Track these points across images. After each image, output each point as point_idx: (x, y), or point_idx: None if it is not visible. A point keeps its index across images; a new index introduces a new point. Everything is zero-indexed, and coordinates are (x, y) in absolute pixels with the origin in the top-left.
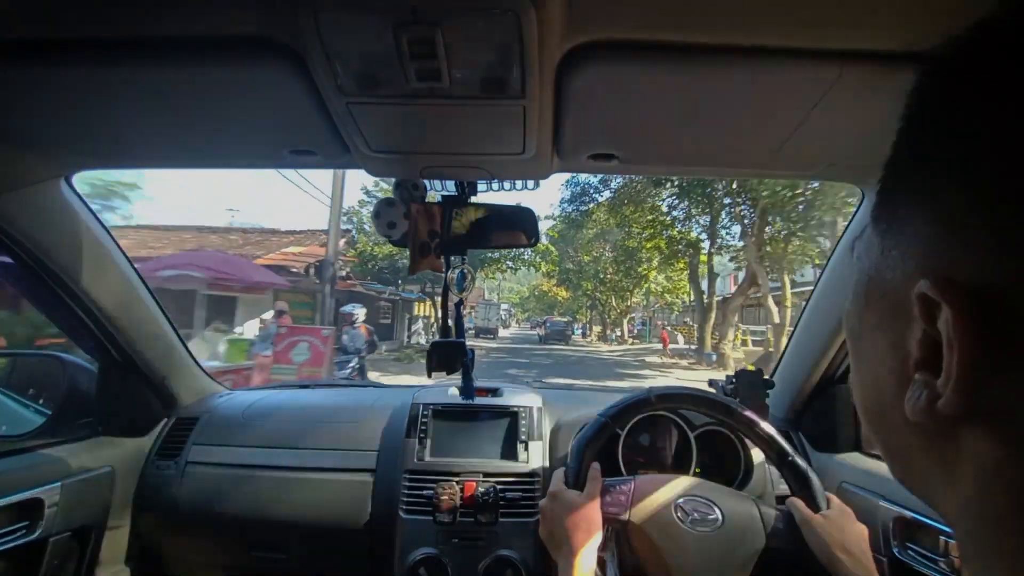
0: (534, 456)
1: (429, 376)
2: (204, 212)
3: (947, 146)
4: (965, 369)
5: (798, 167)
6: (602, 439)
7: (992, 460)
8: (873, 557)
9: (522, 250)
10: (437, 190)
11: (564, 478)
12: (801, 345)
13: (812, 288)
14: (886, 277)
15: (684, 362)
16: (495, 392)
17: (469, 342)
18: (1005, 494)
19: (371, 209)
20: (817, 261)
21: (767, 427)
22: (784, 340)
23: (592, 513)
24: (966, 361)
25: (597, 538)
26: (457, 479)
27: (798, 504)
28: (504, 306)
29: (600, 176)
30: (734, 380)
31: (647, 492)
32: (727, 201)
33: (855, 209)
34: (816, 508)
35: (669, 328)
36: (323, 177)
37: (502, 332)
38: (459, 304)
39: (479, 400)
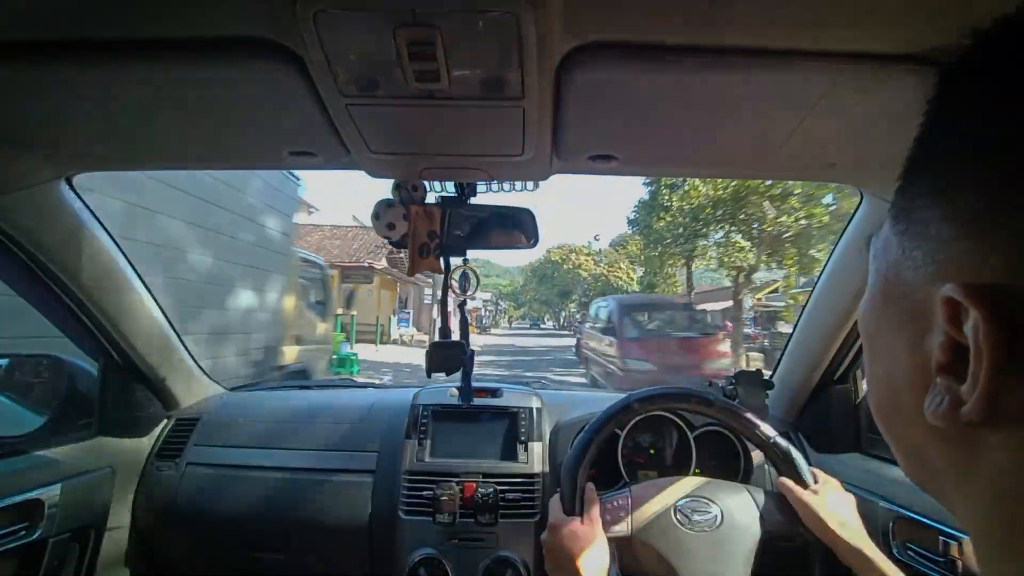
0: (534, 457)
1: (429, 376)
2: None
3: (969, 145)
4: (993, 376)
5: (797, 168)
6: (591, 457)
7: (1012, 464)
8: None
9: None
10: (436, 191)
11: (561, 505)
12: (801, 346)
13: (811, 288)
14: (905, 278)
15: None
16: (495, 393)
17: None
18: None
19: None
20: None
21: (746, 413)
22: None
23: (596, 537)
24: (995, 368)
25: (606, 563)
26: (457, 480)
27: (788, 483)
28: (483, 296)
29: None
30: (734, 381)
31: (645, 501)
32: None
33: (854, 210)
34: (804, 484)
35: None
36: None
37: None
38: (463, 305)
39: (479, 401)
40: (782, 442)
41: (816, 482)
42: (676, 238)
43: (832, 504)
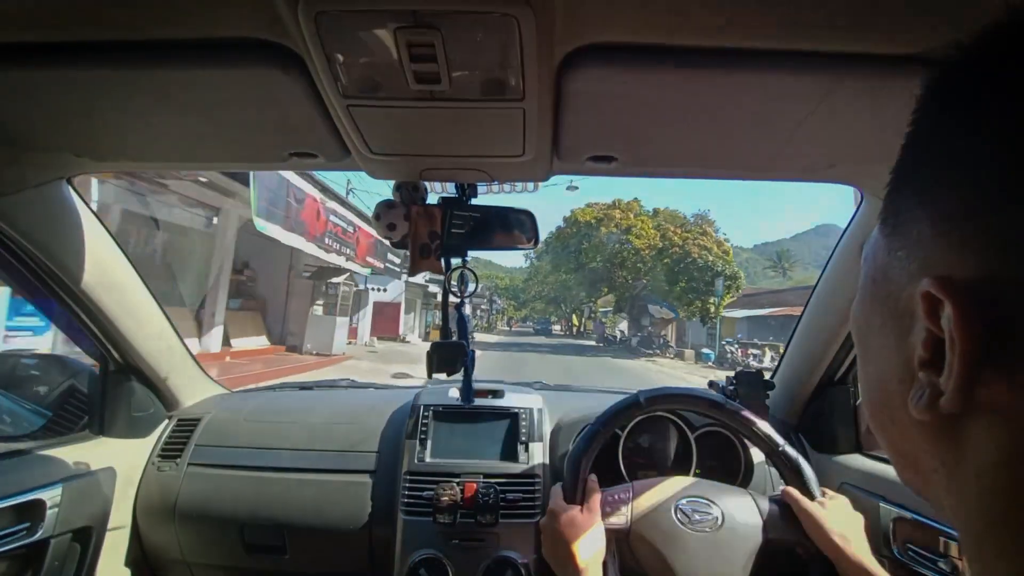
0: (534, 457)
1: (429, 377)
2: None
3: (947, 147)
4: (966, 366)
5: (797, 169)
6: (596, 449)
7: (995, 458)
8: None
9: None
10: (437, 192)
11: (562, 493)
12: (801, 346)
13: (812, 289)
14: (892, 278)
15: None
16: (496, 393)
17: None
18: (1008, 493)
19: None
20: None
21: (756, 419)
22: None
23: (594, 527)
24: (967, 358)
25: (602, 552)
26: (457, 480)
27: (793, 492)
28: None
29: None
30: (735, 381)
31: (646, 497)
32: None
33: (854, 211)
34: (811, 496)
35: None
36: None
37: None
38: (460, 306)
39: (479, 401)
40: (791, 451)
41: (823, 495)
42: None
43: (838, 518)
